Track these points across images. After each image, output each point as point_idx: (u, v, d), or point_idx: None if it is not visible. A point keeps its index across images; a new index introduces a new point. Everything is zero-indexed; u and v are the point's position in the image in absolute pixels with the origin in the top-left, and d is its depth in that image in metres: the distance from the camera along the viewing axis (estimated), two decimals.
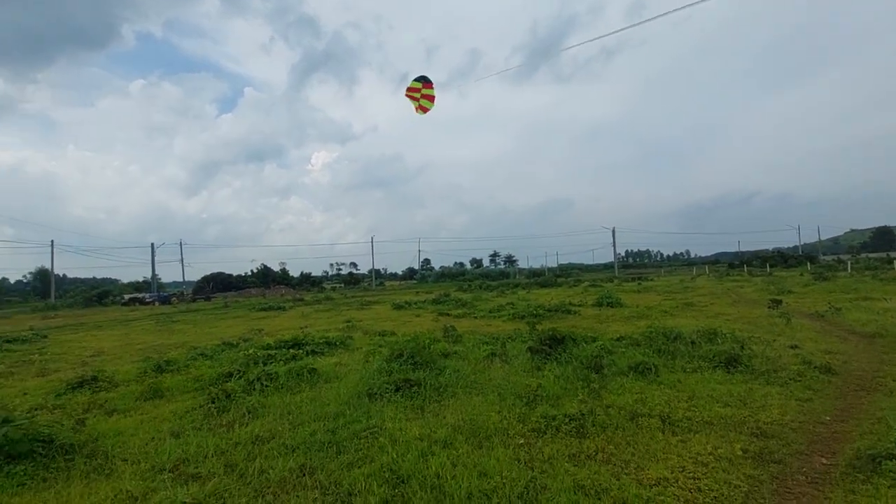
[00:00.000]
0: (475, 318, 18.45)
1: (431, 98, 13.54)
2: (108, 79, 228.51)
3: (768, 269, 56.61)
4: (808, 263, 61.65)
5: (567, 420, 4.96)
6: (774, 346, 9.00)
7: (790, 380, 6.62)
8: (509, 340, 10.50)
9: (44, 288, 70.97)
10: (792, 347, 8.85)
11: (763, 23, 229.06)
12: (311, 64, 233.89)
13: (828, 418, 5.21)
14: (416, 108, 13.41)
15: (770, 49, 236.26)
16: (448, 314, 20.38)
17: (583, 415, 5.06)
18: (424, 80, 13.47)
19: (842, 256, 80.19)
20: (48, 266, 66.61)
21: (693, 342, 8.63)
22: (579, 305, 20.27)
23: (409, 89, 13.30)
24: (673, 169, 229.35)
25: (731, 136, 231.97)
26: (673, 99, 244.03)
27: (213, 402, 6.40)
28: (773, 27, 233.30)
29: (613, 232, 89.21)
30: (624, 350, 8.45)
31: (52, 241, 64.11)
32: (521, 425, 5.03)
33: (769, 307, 15.40)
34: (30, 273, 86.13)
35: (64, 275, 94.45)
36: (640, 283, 39.89)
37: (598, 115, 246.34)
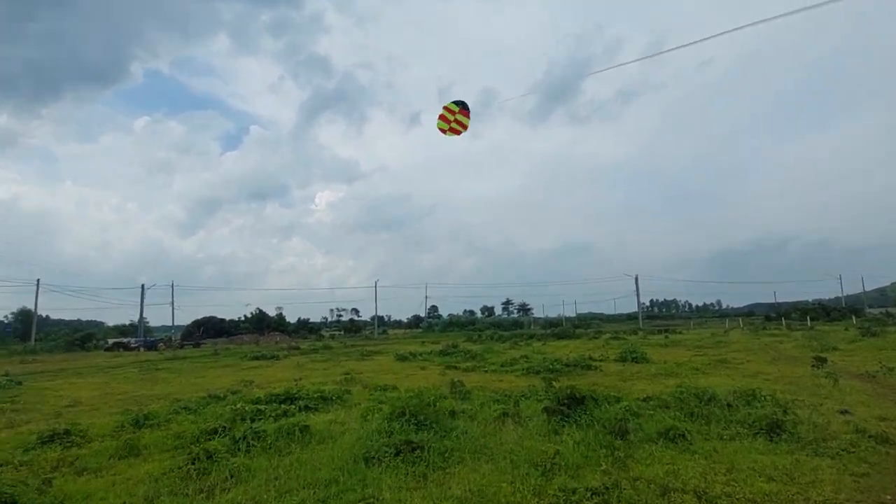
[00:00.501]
0: (485, 371, 18.05)
1: (464, 126, 14.23)
2: (113, 115, 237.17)
3: (809, 322, 55.38)
4: (853, 317, 60.26)
5: (589, 494, 4.70)
6: (822, 410, 8.62)
7: (842, 451, 6.27)
8: (523, 399, 10.19)
9: (24, 329, 71.38)
10: (842, 413, 8.46)
11: (797, 61, 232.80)
12: (321, 103, 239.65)
13: (888, 497, 4.89)
14: (447, 130, 13.91)
15: (803, 88, 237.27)
16: (456, 367, 19.98)
17: (607, 488, 4.80)
18: (462, 106, 13.95)
19: (890, 310, 78.29)
20: (31, 306, 67.31)
21: (729, 405, 8.29)
22: (601, 360, 19.80)
23: (445, 108, 13.82)
24: (700, 212, 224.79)
25: (763, 178, 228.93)
26: (698, 140, 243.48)
27: (194, 464, 6.20)
28: (808, 65, 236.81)
29: (636, 280, 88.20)
30: (652, 413, 8.14)
31: (37, 280, 65.16)
32: (536, 499, 4.77)
33: (813, 366, 14.90)
34: (11, 313, 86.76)
35: (47, 316, 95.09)
36: (667, 337, 39.09)
37: (618, 156, 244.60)
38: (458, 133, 14.03)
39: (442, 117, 13.84)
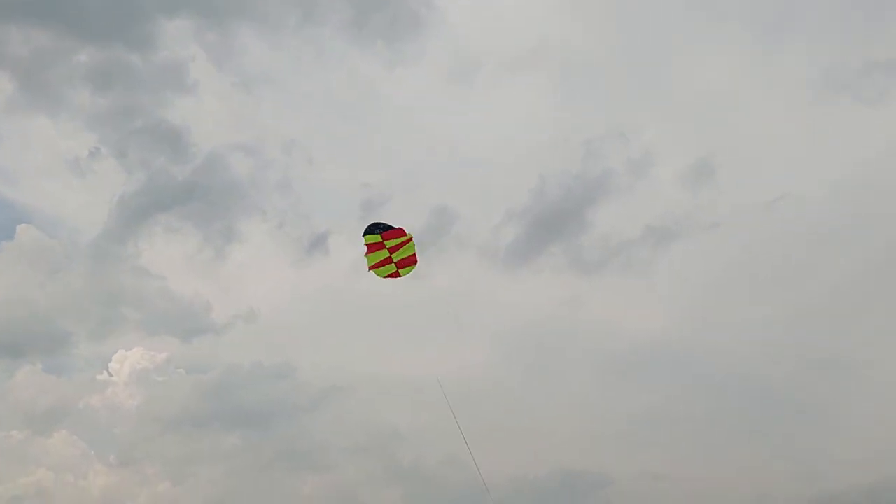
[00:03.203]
0: None
1: (405, 245, 10.54)
2: None
3: None
4: None
5: None
6: None
7: None
8: None
9: None
10: None
11: None
12: (157, 199, 64.03)
13: None
14: (396, 272, 10.84)
15: None
16: None
17: None
18: (383, 228, 10.50)
19: None
20: None
21: None
22: None
23: (370, 248, 10.53)
24: (788, 431, 69.46)
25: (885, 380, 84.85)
26: (784, 312, 79.66)
27: None
28: None
29: None
30: None
31: None
32: None
33: None
34: None
35: None
36: None
37: (647, 330, 75.72)
38: (406, 264, 10.68)
39: (374, 254, 10.55)
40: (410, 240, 10.52)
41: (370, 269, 10.53)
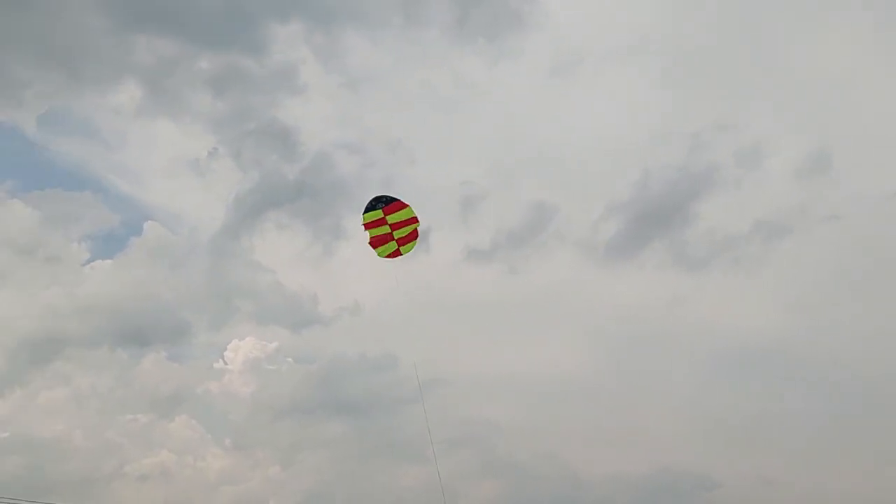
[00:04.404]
0: None
1: (409, 223, 9.93)
2: None
3: None
4: None
5: None
6: None
7: None
8: None
9: None
10: None
11: None
12: (269, 197, 69.88)
13: None
14: (391, 253, 10.22)
15: None
16: None
17: None
18: (386, 201, 9.83)
19: None
20: None
21: None
22: None
23: (367, 226, 9.95)
24: None
25: None
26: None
27: None
28: None
29: None
30: None
31: None
32: None
33: None
34: None
35: None
36: None
37: (759, 328, 68.75)
38: (402, 244, 10.14)
39: (374, 230, 9.98)
40: (414, 219, 10.03)
41: (370, 244, 10.20)
